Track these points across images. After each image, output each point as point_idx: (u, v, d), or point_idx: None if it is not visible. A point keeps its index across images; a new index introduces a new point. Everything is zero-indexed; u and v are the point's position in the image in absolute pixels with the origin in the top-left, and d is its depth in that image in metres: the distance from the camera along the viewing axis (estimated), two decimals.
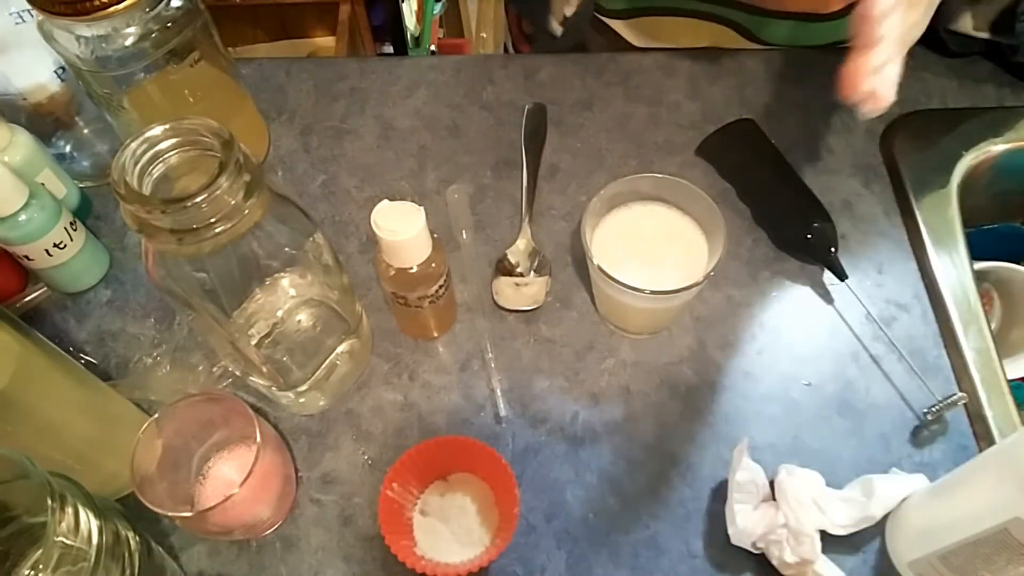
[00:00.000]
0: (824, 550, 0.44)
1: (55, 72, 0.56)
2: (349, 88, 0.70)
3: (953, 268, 0.56)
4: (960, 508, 0.41)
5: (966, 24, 0.56)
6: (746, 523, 0.45)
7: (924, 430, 0.51)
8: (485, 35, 1.83)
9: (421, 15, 1.57)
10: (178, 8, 0.50)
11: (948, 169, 0.61)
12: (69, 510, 0.33)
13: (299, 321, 0.50)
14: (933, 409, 0.50)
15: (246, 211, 0.36)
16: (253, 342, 0.47)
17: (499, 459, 0.46)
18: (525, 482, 0.49)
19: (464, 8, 1.83)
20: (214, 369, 0.54)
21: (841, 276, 0.55)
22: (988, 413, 0.50)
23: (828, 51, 0.69)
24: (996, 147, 0.63)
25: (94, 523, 0.35)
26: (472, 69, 0.70)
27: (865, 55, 0.43)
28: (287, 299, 0.49)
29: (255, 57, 0.77)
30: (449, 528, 0.47)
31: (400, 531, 0.46)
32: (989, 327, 0.54)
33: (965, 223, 0.59)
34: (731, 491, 0.47)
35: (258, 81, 0.70)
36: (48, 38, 0.49)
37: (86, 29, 0.47)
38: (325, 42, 1.52)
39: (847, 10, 0.66)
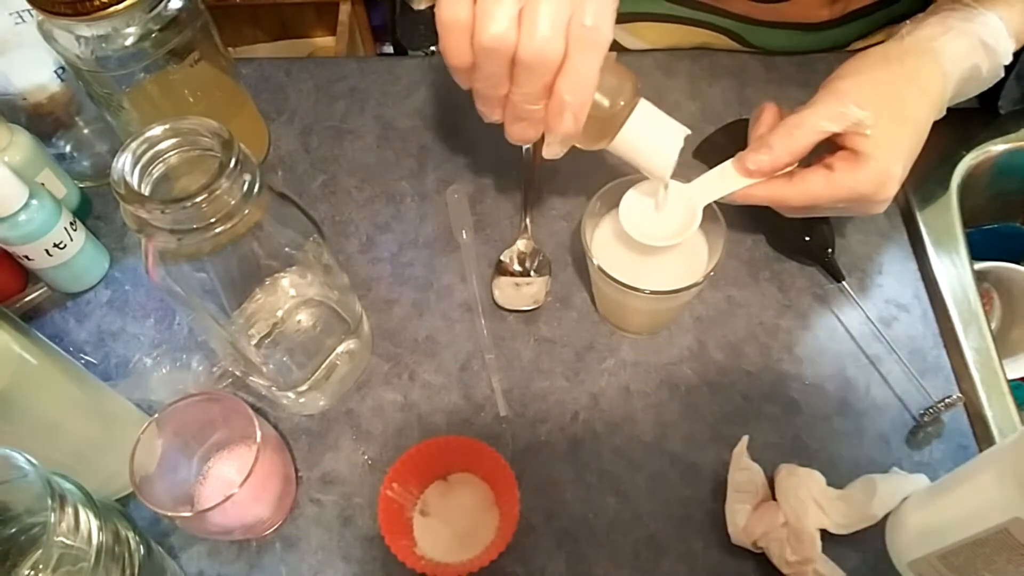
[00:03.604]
0: (824, 549, 0.44)
1: (55, 72, 0.56)
2: (349, 88, 0.70)
3: (953, 268, 0.56)
4: (960, 508, 0.41)
5: None
6: (746, 522, 0.45)
7: (923, 430, 0.51)
8: None
9: None
10: (178, 8, 0.50)
11: (948, 169, 0.61)
12: (69, 510, 0.33)
13: (299, 321, 0.50)
14: (930, 410, 0.50)
15: (246, 211, 0.36)
16: (253, 342, 0.47)
17: (499, 459, 0.46)
18: (525, 482, 0.49)
19: None
20: (214, 369, 0.54)
21: (838, 278, 0.55)
22: (988, 413, 0.50)
23: (829, 52, 0.69)
24: (996, 147, 0.63)
25: (94, 523, 0.35)
26: None
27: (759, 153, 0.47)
28: (287, 299, 0.49)
29: (255, 57, 0.77)
30: (449, 528, 0.47)
31: (400, 531, 0.46)
32: (989, 327, 0.54)
33: (965, 223, 0.59)
34: (730, 490, 0.47)
35: (258, 81, 0.70)
36: (48, 38, 0.49)
37: (86, 29, 0.47)
38: (325, 42, 1.52)
39: (842, 20, 0.66)
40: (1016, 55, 0.50)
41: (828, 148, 0.47)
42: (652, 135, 0.46)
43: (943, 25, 0.49)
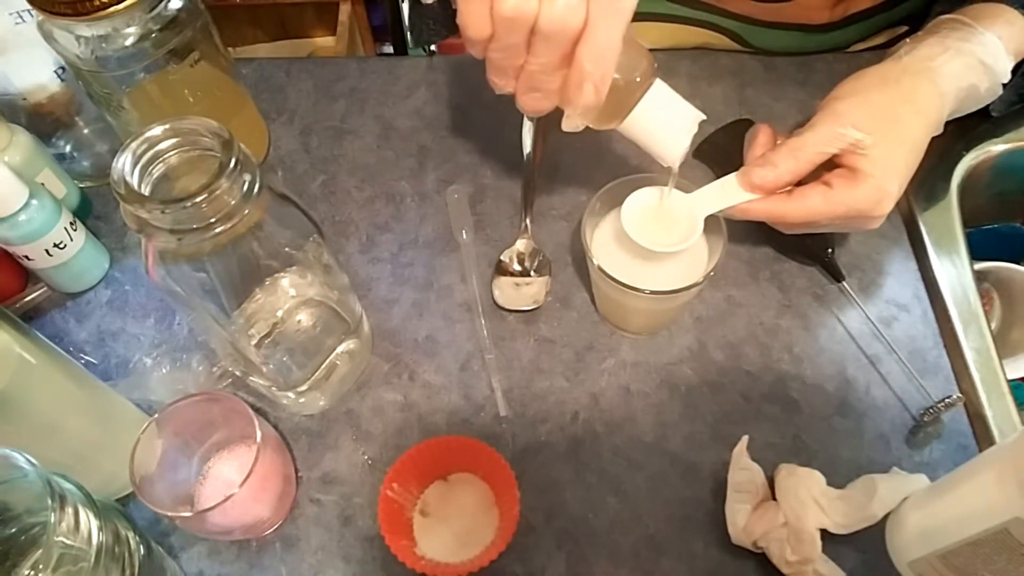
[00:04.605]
0: (824, 549, 0.44)
1: (55, 72, 0.56)
2: (349, 88, 0.70)
3: (953, 268, 0.56)
4: (960, 508, 0.41)
5: None
6: (746, 522, 0.45)
7: (923, 430, 0.51)
8: None
9: None
10: (178, 8, 0.50)
11: (948, 169, 0.61)
12: (69, 510, 0.33)
13: (299, 321, 0.50)
14: (930, 410, 0.50)
15: (246, 211, 0.36)
16: (253, 342, 0.47)
17: (499, 459, 0.46)
18: (525, 482, 0.49)
19: None
20: (214, 369, 0.54)
21: (838, 277, 0.55)
22: (988, 413, 0.50)
23: (828, 52, 0.69)
24: (996, 147, 0.62)
25: (94, 523, 0.35)
26: (472, 69, 0.70)
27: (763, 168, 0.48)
28: (287, 299, 0.50)
29: (255, 57, 0.77)
30: (449, 528, 0.47)
31: (400, 531, 0.46)
32: (989, 327, 0.54)
33: (965, 223, 0.59)
34: (730, 490, 0.47)
35: (258, 81, 0.70)
36: (48, 38, 0.49)
37: (86, 29, 0.47)
38: (325, 42, 1.52)
39: (843, 22, 0.67)
40: (1014, 68, 0.51)
41: (825, 165, 0.48)
42: (666, 117, 0.45)
43: (941, 45, 0.50)
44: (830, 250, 0.56)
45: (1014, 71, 0.51)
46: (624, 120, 0.45)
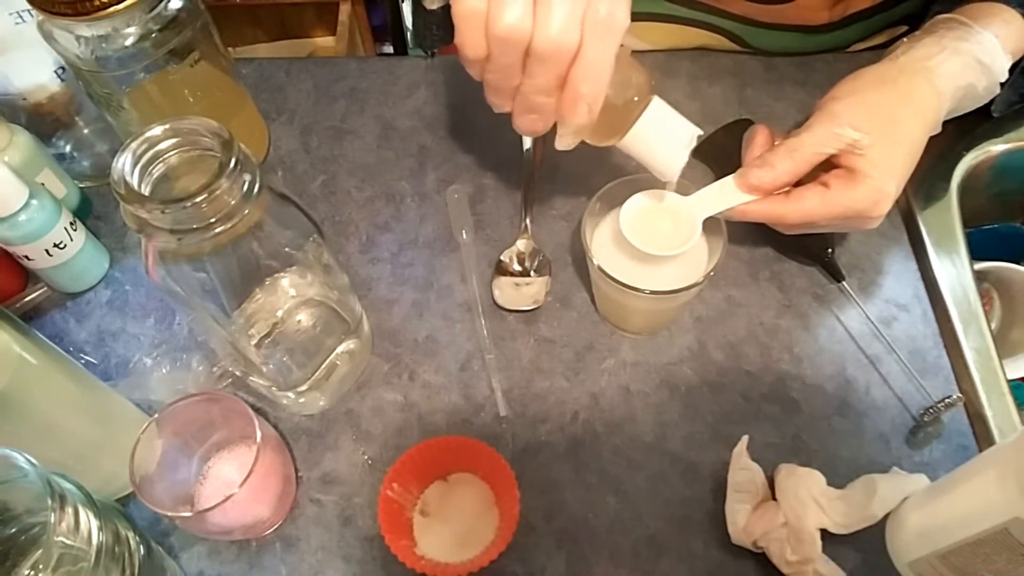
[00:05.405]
0: (824, 549, 0.44)
1: (55, 72, 0.56)
2: (349, 88, 0.70)
3: (953, 268, 0.56)
4: (960, 508, 0.41)
5: None
6: (746, 522, 0.45)
7: (923, 430, 0.51)
8: None
9: None
10: (178, 8, 0.50)
11: (948, 169, 0.61)
12: (69, 510, 0.33)
13: (299, 321, 0.50)
14: (930, 410, 0.50)
15: (246, 211, 0.36)
16: (253, 342, 0.47)
17: (499, 459, 0.46)
18: (525, 482, 0.49)
19: None
20: (214, 369, 0.54)
21: (838, 277, 0.55)
22: (988, 413, 0.50)
23: (828, 52, 0.69)
24: (996, 147, 0.63)
25: (94, 523, 0.35)
26: None
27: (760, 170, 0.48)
28: (287, 299, 0.50)
29: (255, 57, 0.77)
30: (449, 528, 0.47)
31: (400, 531, 0.46)
32: (989, 327, 0.54)
33: (965, 223, 0.59)
34: (730, 490, 0.47)
35: (258, 81, 0.70)
36: (48, 38, 0.49)
37: (86, 29, 0.47)
38: (325, 42, 1.52)
39: (842, 22, 0.67)
40: (1012, 66, 0.51)
41: (823, 165, 0.48)
42: (664, 134, 0.46)
43: (938, 44, 0.50)
44: (830, 250, 0.56)
45: (1012, 70, 0.51)
46: (622, 138, 0.46)
